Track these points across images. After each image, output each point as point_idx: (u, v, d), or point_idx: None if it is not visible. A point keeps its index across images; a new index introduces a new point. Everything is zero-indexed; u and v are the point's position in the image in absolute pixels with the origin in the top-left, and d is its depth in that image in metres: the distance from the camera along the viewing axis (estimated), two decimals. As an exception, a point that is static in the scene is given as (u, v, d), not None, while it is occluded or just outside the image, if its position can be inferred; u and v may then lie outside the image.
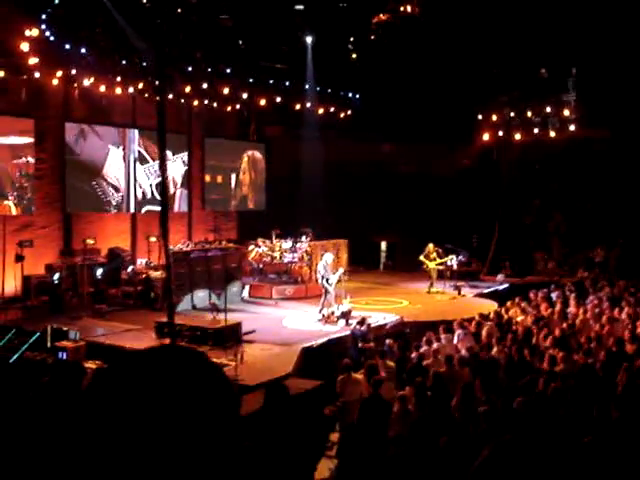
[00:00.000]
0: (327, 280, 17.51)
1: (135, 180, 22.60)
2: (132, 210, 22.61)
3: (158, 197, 22.68)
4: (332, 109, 26.10)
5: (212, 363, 1.43)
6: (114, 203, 22.07)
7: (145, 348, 1.50)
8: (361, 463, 6.53)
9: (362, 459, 6.60)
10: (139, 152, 22.74)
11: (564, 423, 8.09)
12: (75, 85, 19.88)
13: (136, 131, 22.53)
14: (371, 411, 9.40)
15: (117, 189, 22.09)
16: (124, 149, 22.25)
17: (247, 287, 20.76)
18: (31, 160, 19.67)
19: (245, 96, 23.44)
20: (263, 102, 23.92)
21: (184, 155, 24.33)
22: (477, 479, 1.90)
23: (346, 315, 16.61)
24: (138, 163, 22.72)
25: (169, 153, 22.24)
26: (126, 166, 22.34)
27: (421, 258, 21.99)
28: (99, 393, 1.33)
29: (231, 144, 26.43)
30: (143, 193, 22.91)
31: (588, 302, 17.54)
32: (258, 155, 27.30)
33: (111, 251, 20.82)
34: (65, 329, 14.07)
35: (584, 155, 25.10)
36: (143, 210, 22.89)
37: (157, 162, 22.58)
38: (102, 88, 20.19)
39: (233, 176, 26.49)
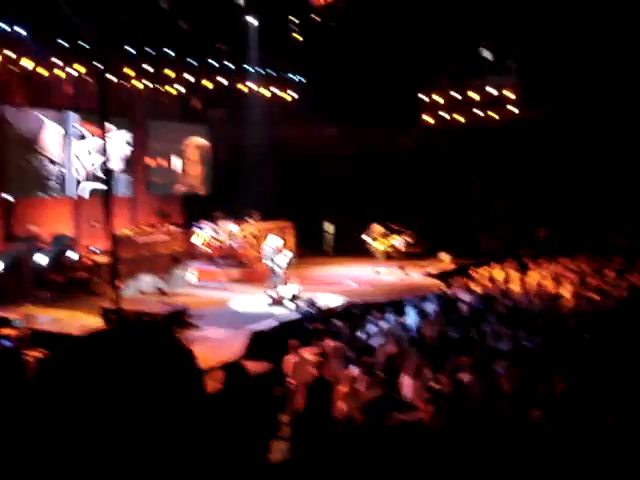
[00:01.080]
0: (275, 262, 17.53)
1: (73, 162, 22.04)
2: (73, 190, 22.09)
3: (100, 175, 22.38)
4: (276, 91, 25.98)
5: (172, 335, 1.35)
6: (53, 183, 21.53)
7: (98, 329, 1.39)
8: (312, 445, 6.59)
9: (312, 441, 6.66)
10: (79, 132, 22.22)
11: (514, 399, 8.29)
12: (13, 68, 19.35)
13: (75, 115, 22.01)
14: (317, 393, 9.47)
15: (54, 164, 21.53)
16: (63, 129, 21.69)
17: (193, 271, 20.62)
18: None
19: (188, 78, 23.16)
20: (207, 84, 23.68)
21: (127, 136, 23.89)
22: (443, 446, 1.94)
23: (294, 297, 16.67)
24: (76, 141, 22.20)
25: (111, 132, 21.87)
26: (65, 145, 21.82)
27: (366, 239, 22.14)
28: (47, 380, 1.26)
29: (174, 127, 26.08)
30: (80, 176, 22.35)
31: (530, 280, 17.93)
32: (201, 140, 26.98)
33: (54, 237, 20.41)
34: (8, 317, 13.81)
35: (525, 135, 25.51)
36: (80, 187, 22.37)
37: (95, 144, 22.23)
38: (42, 70, 19.71)
39: (177, 159, 26.20)
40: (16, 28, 18.19)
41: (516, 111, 24.77)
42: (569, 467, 5.64)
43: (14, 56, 18.68)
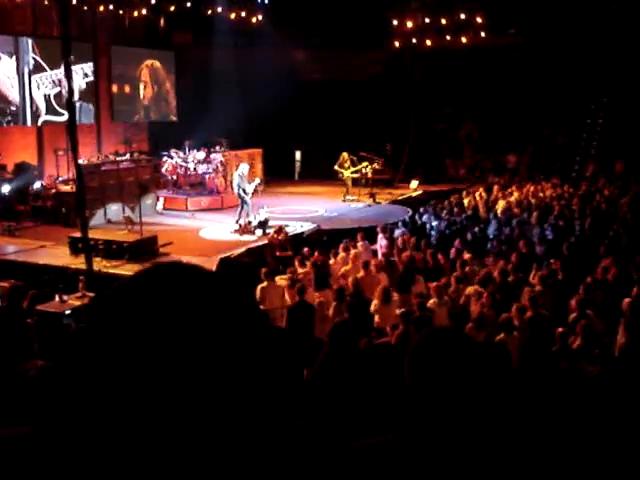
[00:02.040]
0: (244, 190, 17.44)
1: (30, 91, 21.49)
2: (28, 123, 21.60)
3: (57, 108, 21.88)
4: (243, 14, 25.38)
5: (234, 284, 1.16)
6: (8, 117, 21.04)
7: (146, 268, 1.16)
8: (294, 368, 6.67)
9: (294, 364, 6.73)
10: (34, 61, 21.59)
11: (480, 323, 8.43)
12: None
13: (29, 40, 21.33)
14: (299, 316, 9.58)
15: (9, 101, 21.02)
16: (17, 59, 21.05)
17: (161, 199, 20.45)
18: None
19: (153, 1, 22.54)
20: (172, 7, 23.07)
21: (87, 65, 23.25)
22: (411, 369, 1.94)
23: (263, 224, 16.63)
24: (33, 74, 21.60)
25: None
26: (20, 77, 21.20)
27: (336, 167, 22.07)
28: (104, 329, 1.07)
29: (139, 52, 25.49)
30: (37, 105, 21.80)
31: (498, 206, 18.07)
32: (157, 64, 26.32)
33: (17, 166, 20.05)
34: (-26, 247, 13.67)
35: (495, 62, 25.36)
36: (40, 122, 21.91)
37: (54, 71, 21.66)
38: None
39: (142, 86, 25.72)
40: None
41: (484, 35, 24.53)
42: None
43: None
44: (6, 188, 18.60)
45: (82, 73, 23.06)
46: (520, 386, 5.86)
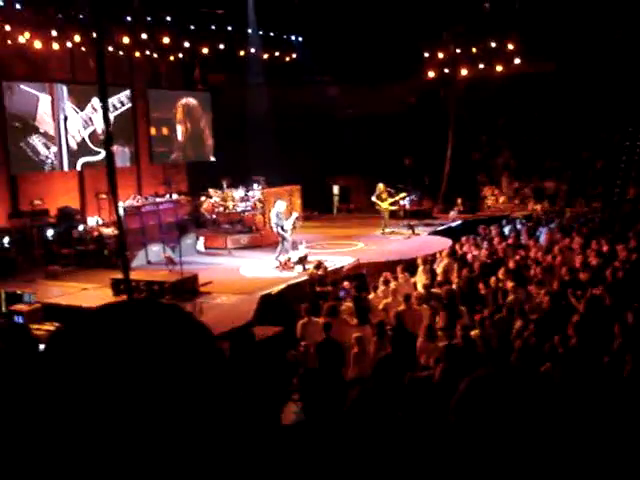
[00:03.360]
0: (281, 227, 17.50)
1: (67, 136, 21.90)
2: (66, 165, 21.93)
3: (92, 147, 22.25)
4: (276, 53, 25.70)
5: (187, 315, 1.26)
6: (50, 159, 21.44)
7: (106, 304, 1.30)
8: (323, 406, 6.60)
9: (323, 402, 6.67)
10: (69, 106, 22.04)
11: (524, 353, 8.28)
12: (10, 42, 19.17)
13: (65, 87, 21.76)
14: (326, 354, 9.51)
15: (51, 140, 21.43)
16: (53, 106, 21.46)
17: (201, 239, 20.61)
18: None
19: (187, 44, 22.92)
20: (206, 50, 23.44)
21: (121, 95, 23.59)
22: (458, 414, 1.91)
23: (302, 260, 16.64)
24: (71, 115, 22.05)
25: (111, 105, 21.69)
26: (56, 123, 21.64)
27: (373, 199, 22.04)
28: (58, 355, 1.18)
29: (176, 95, 25.90)
30: (73, 148, 22.16)
31: (540, 234, 17.87)
32: (193, 102, 26.64)
33: (60, 211, 20.42)
34: (19, 292, 13.86)
35: (529, 89, 25.26)
36: (78, 165, 22.28)
37: (84, 112, 22.07)
38: (38, 44, 19.53)
39: (179, 128, 26.07)
40: (14, 4, 18.03)
41: (518, 63, 24.47)
42: (577, 419, 5.64)
43: (10, 29, 18.48)
44: (50, 232, 18.93)
45: (118, 102, 23.33)
46: (566, 416, 5.73)
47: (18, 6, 18.11)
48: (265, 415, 5.04)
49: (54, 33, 19.53)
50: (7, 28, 18.40)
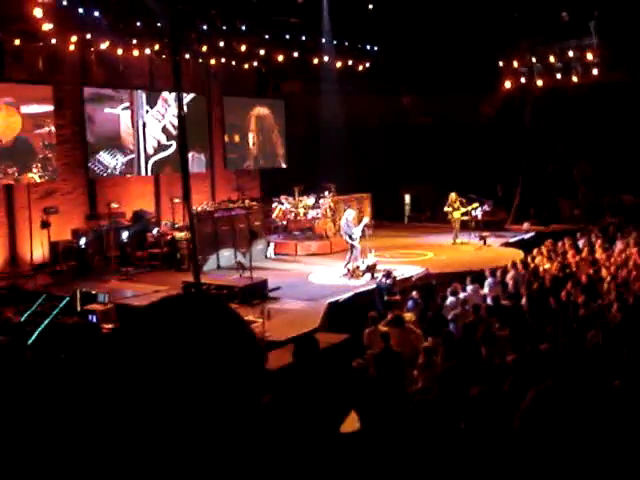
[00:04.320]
0: (351, 236, 17.50)
1: (145, 142, 22.39)
2: (142, 172, 22.44)
3: (165, 142, 22.71)
4: (350, 62, 25.75)
5: (231, 310, 1.36)
6: (123, 166, 21.91)
7: (157, 300, 1.43)
8: (380, 416, 6.56)
9: (381, 412, 6.64)
10: (151, 111, 22.58)
11: (592, 367, 8.08)
12: (91, 49, 19.77)
13: (144, 94, 22.34)
14: (384, 364, 9.45)
15: (128, 151, 21.96)
16: (132, 112, 21.97)
17: (272, 245, 20.80)
18: (53, 129, 19.72)
19: (262, 52, 23.19)
20: (280, 58, 23.66)
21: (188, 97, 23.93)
22: (525, 423, 1.90)
23: (371, 269, 16.62)
24: (148, 120, 22.55)
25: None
26: (135, 130, 22.12)
27: (445, 209, 21.87)
28: (116, 351, 1.28)
29: (248, 102, 26.22)
30: (148, 151, 22.64)
31: (615, 248, 17.43)
32: (265, 111, 26.87)
33: (135, 214, 20.91)
34: (94, 292, 14.24)
35: (608, 99, 24.67)
36: (150, 164, 22.72)
37: (155, 109, 22.57)
38: (118, 51, 20.06)
39: (252, 135, 26.37)
40: (93, 12, 18.53)
41: (597, 73, 23.95)
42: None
43: (91, 38, 19.04)
44: (125, 235, 19.39)
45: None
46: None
47: (97, 14, 18.57)
48: (325, 422, 5.04)
49: (133, 41, 20.03)
50: (88, 36, 18.94)
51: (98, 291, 14.47)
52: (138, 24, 19.66)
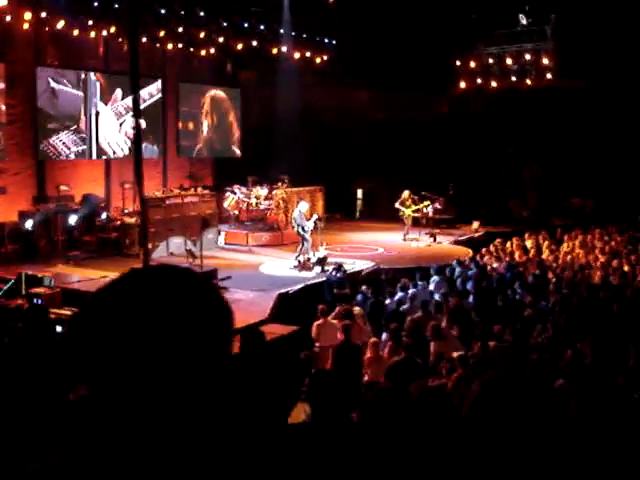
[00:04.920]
0: (302, 228, 17.51)
1: (97, 126, 21.99)
2: (94, 156, 22.07)
3: (121, 142, 22.41)
4: (308, 54, 25.72)
5: (200, 277, 1.37)
6: (77, 151, 21.56)
7: (128, 270, 1.44)
8: (335, 408, 6.56)
9: (335, 404, 6.64)
10: (99, 96, 22.13)
11: (537, 365, 8.21)
12: (46, 28, 19.34)
13: (97, 83, 21.91)
14: (343, 356, 9.50)
15: (81, 135, 21.60)
16: (85, 94, 21.57)
17: (223, 234, 20.70)
18: (3, 108, 19.29)
19: (221, 40, 23.00)
20: (239, 46, 23.49)
21: (152, 86, 23.76)
22: (472, 416, 1.92)
23: (322, 261, 16.66)
24: (101, 104, 22.16)
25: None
26: (86, 112, 21.77)
27: (397, 205, 22.01)
28: (88, 322, 1.28)
29: (205, 90, 26.00)
30: (106, 140, 22.27)
31: (561, 250, 17.76)
32: (221, 94, 26.69)
33: (85, 197, 20.57)
34: (40, 276, 13.97)
35: (560, 104, 25.07)
36: (106, 149, 22.38)
37: (114, 105, 22.24)
38: (74, 32, 19.67)
39: (205, 122, 26.14)
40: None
41: (550, 77, 24.37)
42: (590, 436, 5.59)
43: (46, 16, 18.63)
44: (73, 219, 19.04)
45: (147, 94, 23.37)
46: (578, 435, 5.68)
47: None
48: (272, 413, 5.04)
49: (90, 22, 19.66)
50: (43, 14, 18.53)
51: (44, 275, 14.20)
52: (95, 4, 19.28)
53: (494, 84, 25.55)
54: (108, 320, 1.24)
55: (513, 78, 25.23)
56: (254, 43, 23.73)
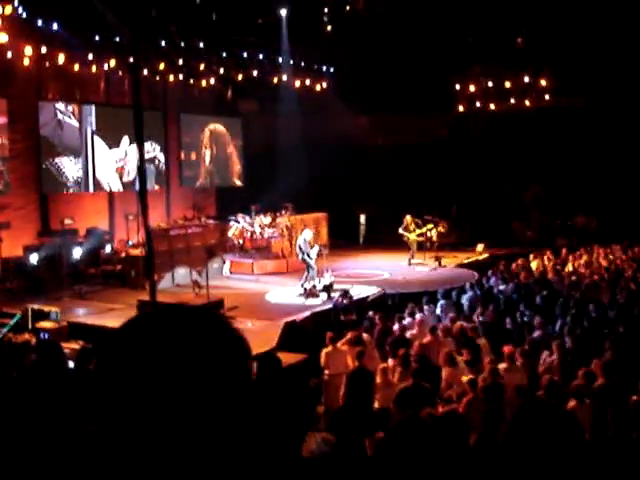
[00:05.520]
0: (307, 255, 17.50)
1: (93, 160, 22.09)
2: (91, 189, 22.19)
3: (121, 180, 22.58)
4: (308, 82, 25.89)
5: (222, 319, 1.37)
6: (80, 179, 21.68)
7: (144, 313, 1.43)
8: (351, 436, 6.54)
9: (352, 432, 6.61)
10: (97, 131, 22.22)
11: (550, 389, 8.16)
12: (47, 63, 19.48)
13: (93, 108, 22.04)
14: (358, 383, 9.43)
15: (78, 160, 21.70)
16: (80, 127, 21.68)
17: (228, 263, 20.69)
18: (6, 142, 19.39)
19: (221, 71, 23.16)
20: (239, 76, 23.66)
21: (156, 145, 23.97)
22: (510, 443, 1.93)
23: (328, 288, 16.62)
24: (100, 144, 22.28)
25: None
26: (84, 146, 21.87)
27: (401, 231, 22.01)
28: (112, 361, 1.27)
29: (205, 119, 26.14)
30: (100, 177, 22.39)
31: (567, 269, 17.72)
32: (220, 128, 26.86)
33: (89, 231, 20.61)
34: (46, 310, 13.95)
35: (560, 124, 25.19)
36: (106, 183, 22.51)
37: (113, 150, 22.43)
38: (75, 66, 19.82)
39: (207, 152, 26.28)
40: (51, 25, 18.29)
41: (549, 99, 24.51)
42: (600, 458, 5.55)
43: (47, 51, 18.77)
44: (78, 252, 19.06)
45: (150, 147, 23.54)
46: (592, 457, 5.64)
47: (55, 27, 18.32)
48: (286, 443, 5.01)
49: (90, 56, 19.80)
50: (43, 50, 18.66)
51: (50, 309, 14.16)
52: (96, 38, 19.42)
53: (493, 106, 25.67)
54: (135, 362, 1.25)
55: (512, 100, 25.36)
56: (254, 73, 23.91)
